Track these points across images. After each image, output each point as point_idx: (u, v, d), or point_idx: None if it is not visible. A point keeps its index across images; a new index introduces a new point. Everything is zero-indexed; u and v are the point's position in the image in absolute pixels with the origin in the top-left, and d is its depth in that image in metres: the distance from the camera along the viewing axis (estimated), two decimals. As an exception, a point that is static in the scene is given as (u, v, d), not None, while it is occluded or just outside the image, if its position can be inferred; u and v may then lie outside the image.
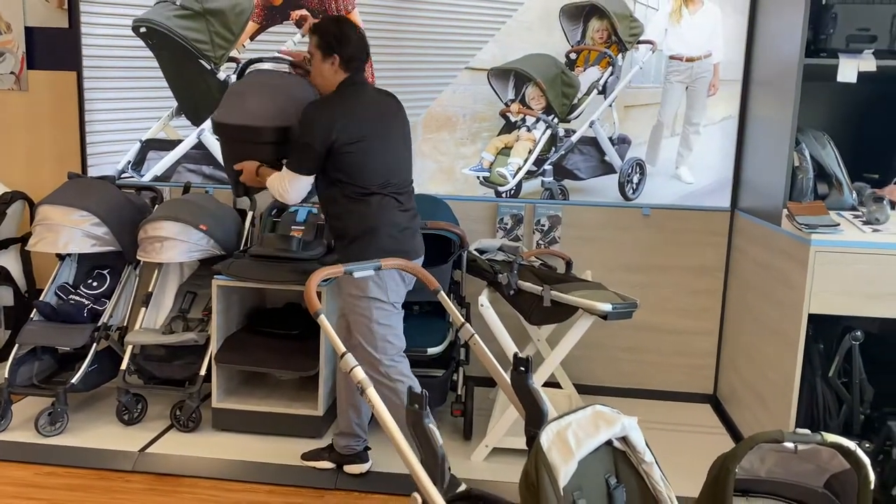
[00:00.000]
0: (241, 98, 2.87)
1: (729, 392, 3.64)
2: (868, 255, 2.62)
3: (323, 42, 2.67)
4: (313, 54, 2.70)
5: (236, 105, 2.86)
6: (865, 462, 2.06)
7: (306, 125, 2.62)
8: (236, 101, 2.87)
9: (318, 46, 2.68)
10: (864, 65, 2.78)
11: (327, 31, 2.69)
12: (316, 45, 2.68)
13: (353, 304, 2.68)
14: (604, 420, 1.61)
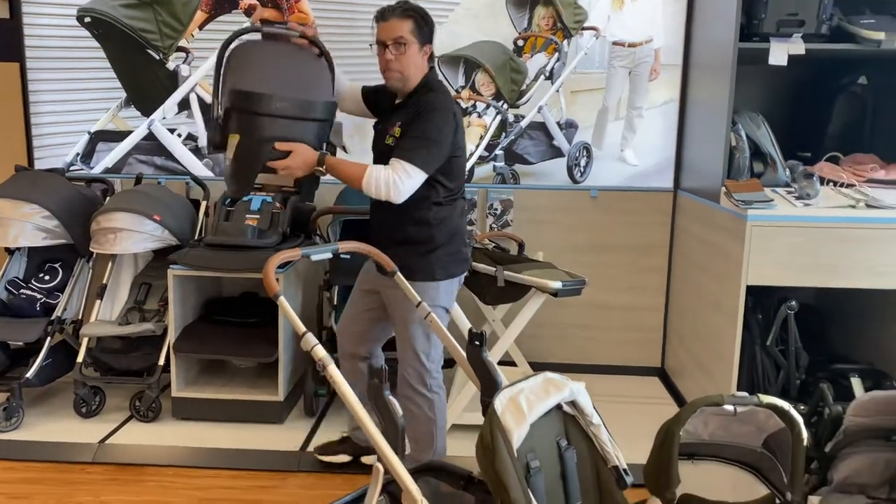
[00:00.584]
0: (271, 67, 2.35)
1: (675, 364, 3.80)
2: (801, 228, 2.78)
3: (420, 28, 2.37)
4: (407, 43, 2.35)
5: (270, 73, 2.32)
6: (798, 420, 2.20)
7: (439, 120, 2.34)
8: (268, 70, 2.33)
9: (415, 33, 2.37)
10: (793, 48, 2.93)
11: (425, 16, 2.39)
12: (411, 31, 2.36)
13: (410, 314, 2.44)
14: (554, 385, 1.71)
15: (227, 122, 2.31)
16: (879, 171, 3.06)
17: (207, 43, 3.78)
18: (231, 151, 2.30)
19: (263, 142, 2.27)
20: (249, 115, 2.26)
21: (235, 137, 2.29)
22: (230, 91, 2.28)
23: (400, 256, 2.38)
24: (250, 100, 2.26)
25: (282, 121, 2.29)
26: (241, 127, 2.28)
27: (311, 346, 1.78)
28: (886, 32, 2.88)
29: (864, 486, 2.54)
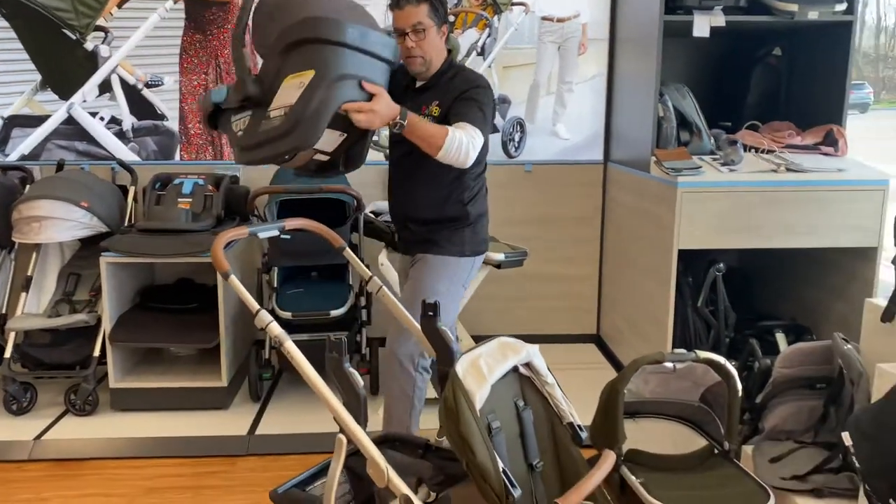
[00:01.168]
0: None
1: (610, 330, 3.93)
2: (727, 192, 2.92)
3: (436, 10, 2.30)
4: (426, 28, 2.28)
5: (328, 5, 2.03)
6: (733, 373, 2.34)
7: (486, 96, 2.31)
8: (326, 3, 2.03)
9: (432, 16, 2.29)
10: (714, 20, 3.06)
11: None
12: (428, 14, 2.28)
13: (431, 287, 2.39)
14: (510, 348, 1.76)
15: (288, 59, 1.93)
16: (796, 137, 3.23)
17: (127, 22, 3.64)
18: (293, 94, 1.90)
19: (345, 78, 1.93)
20: (330, 45, 1.92)
21: (305, 75, 1.90)
22: (303, 20, 1.92)
23: (432, 232, 2.39)
24: (333, 28, 1.91)
25: (364, 57, 1.99)
26: (315, 61, 1.90)
27: (266, 324, 1.77)
28: (799, 4, 3.03)
29: (791, 433, 2.71)
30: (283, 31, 1.93)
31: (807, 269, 3.33)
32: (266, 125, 1.92)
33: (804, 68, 3.48)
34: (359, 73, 1.95)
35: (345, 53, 1.92)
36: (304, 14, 1.93)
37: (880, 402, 1.92)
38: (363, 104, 1.97)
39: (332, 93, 1.90)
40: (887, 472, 1.80)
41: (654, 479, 2.25)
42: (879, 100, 26.81)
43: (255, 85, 1.96)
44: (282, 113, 1.89)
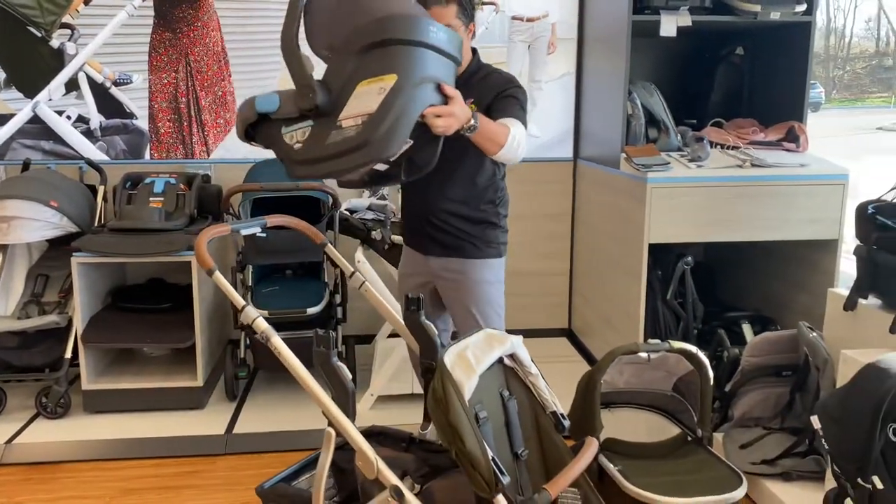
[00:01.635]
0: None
1: (582, 324, 4.00)
2: (695, 187, 3.00)
3: (464, 9, 2.20)
4: (455, 28, 2.15)
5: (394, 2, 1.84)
6: (705, 362, 2.41)
7: (524, 96, 2.28)
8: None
9: (460, 16, 2.19)
10: (681, 20, 3.14)
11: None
12: (456, 15, 2.17)
13: (485, 293, 2.38)
14: (496, 340, 1.80)
15: (363, 62, 1.72)
16: (760, 134, 3.34)
17: (94, 19, 3.59)
18: (371, 101, 1.69)
19: (426, 81, 1.76)
20: (412, 46, 1.73)
21: (386, 79, 1.70)
22: (381, 20, 1.72)
23: (464, 233, 2.34)
24: (416, 27, 1.73)
25: (441, 57, 1.81)
26: (397, 64, 1.71)
27: (253, 319, 1.78)
28: (762, 5, 3.13)
29: (759, 419, 2.81)
30: (355, 32, 1.72)
31: (770, 262, 3.43)
32: (336, 136, 1.72)
33: (766, 67, 3.59)
34: (437, 74, 1.80)
35: (426, 55, 1.76)
36: (377, 11, 1.73)
37: (846, 386, 2.00)
38: (442, 108, 1.82)
39: (415, 98, 1.74)
40: (854, 454, 1.88)
41: (631, 466, 2.31)
42: (830, 99, 27.59)
43: (325, 93, 1.73)
44: (358, 122, 1.70)
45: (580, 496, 1.82)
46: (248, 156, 3.78)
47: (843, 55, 31.14)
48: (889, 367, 1.93)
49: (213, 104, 3.74)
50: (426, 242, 2.42)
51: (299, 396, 3.32)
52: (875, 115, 22.88)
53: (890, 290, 2.38)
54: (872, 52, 31.47)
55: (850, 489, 1.92)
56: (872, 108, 26.38)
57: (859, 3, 10.00)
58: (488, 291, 2.40)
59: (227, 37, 3.69)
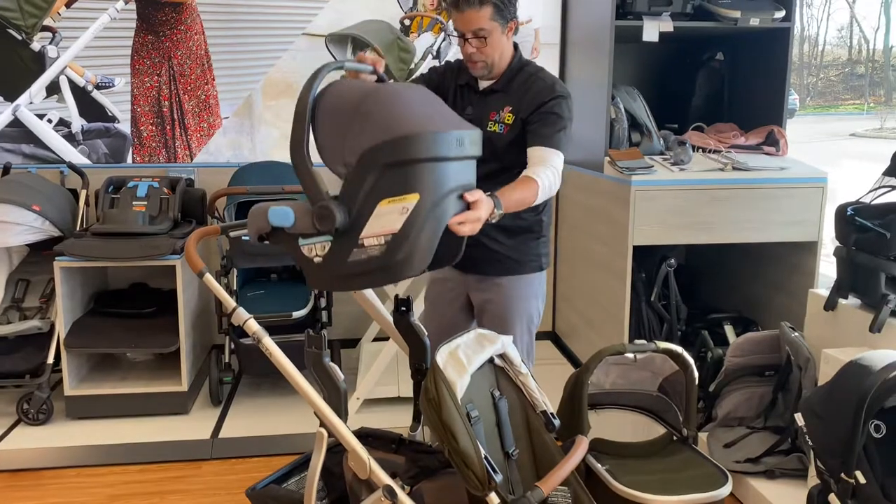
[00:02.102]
0: (411, 103, 1.76)
1: (566, 327, 4.03)
2: (678, 190, 3.03)
3: (501, 10, 2.11)
4: (489, 32, 2.11)
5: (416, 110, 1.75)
6: (691, 362, 2.44)
7: (567, 104, 2.17)
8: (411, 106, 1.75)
9: (497, 17, 2.11)
10: (663, 25, 3.18)
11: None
12: (491, 17, 2.10)
13: (519, 309, 2.29)
14: (486, 339, 1.81)
15: (382, 180, 1.65)
16: (740, 138, 3.39)
17: (76, 22, 3.56)
18: (394, 221, 1.65)
19: (449, 194, 1.72)
20: (434, 163, 1.68)
21: (408, 199, 1.65)
22: (399, 139, 1.64)
23: (502, 247, 2.22)
24: (436, 144, 1.67)
25: (463, 163, 1.77)
26: (419, 184, 1.65)
27: (244, 321, 1.78)
28: (742, 11, 3.19)
29: (742, 419, 2.85)
30: (373, 151, 1.63)
31: (751, 264, 3.48)
32: (359, 254, 1.67)
33: (745, 72, 3.65)
34: (459, 182, 1.75)
35: (448, 167, 1.71)
36: (395, 130, 1.64)
37: (829, 383, 2.04)
38: (467, 215, 1.73)
39: (438, 215, 1.69)
40: (837, 449, 1.92)
41: (618, 465, 2.33)
42: (805, 106, 28.05)
43: (343, 213, 1.65)
44: (381, 242, 1.65)
45: (570, 494, 1.83)
46: (231, 160, 3.77)
47: (817, 63, 31.69)
48: (870, 364, 1.97)
49: (197, 108, 3.73)
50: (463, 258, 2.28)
51: (284, 401, 3.31)
52: (848, 122, 23.32)
53: (869, 290, 2.43)
54: (845, 59, 32.07)
55: (833, 484, 1.96)
56: (846, 114, 26.89)
57: (832, 11, 10.16)
58: (524, 307, 2.31)
59: (210, 40, 3.67)
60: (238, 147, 3.79)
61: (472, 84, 2.28)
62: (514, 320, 2.31)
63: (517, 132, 2.19)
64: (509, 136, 2.20)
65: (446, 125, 1.72)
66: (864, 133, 19.72)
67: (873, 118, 23.73)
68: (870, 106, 27.05)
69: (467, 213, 1.73)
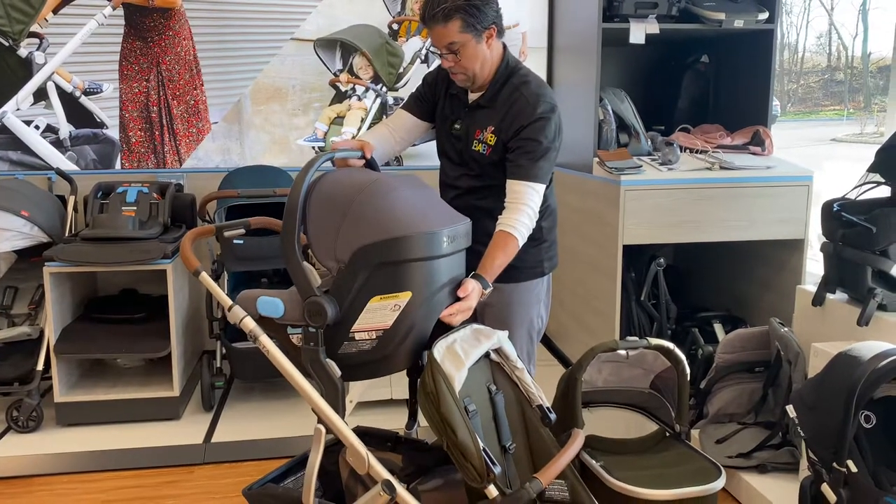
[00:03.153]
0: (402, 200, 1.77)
1: (556, 327, 4.05)
2: (667, 190, 3.07)
3: (471, 20, 2.01)
4: (461, 45, 2.03)
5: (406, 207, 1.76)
6: (682, 358, 2.46)
7: (550, 126, 2.10)
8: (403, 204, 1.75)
9: (467, 28, 2.02)
10: (649, 28, 3.22)
11: (470, 6, 2.00)
12: (461, 30, 2.01)
13: (519, 315, 2.28)
14: (482, 334, 1.82)
15: (373, 278, 1.67)
16: (726, 138, 3.43)
17: (64, 28, 3.55)
18: (385, 317, 1.69)
19: (441, 289, 1.77)
20: (426, 262, 1.72)
21: (400, 297, 1.68)
22: (391, 241, 1.66)
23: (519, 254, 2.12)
24: (428, 245, 1.70)
25: (454, 257, 1.81)
26: (411, 282, 1.69)
27: (240, 319, 1.78)
28: (726, 13, 3.23)
29: (733, 415, 2.87)
30: (365, 250, 1.66)
31: (738, 263, 3.52)
32: (349, 347, 1.73)
33: (730, 74, 3.70)
34: (451, 276, 1.80)
35: (439, 264, 1.75)
36: (388, 229, 1.66)
37: (819, 375, 2.07)
38: (459, 306, 1.79)
39: (430, 312, 1.75)
40: (829, 439, 1.94)
41: (612, 461, 2.34)
42: (786, 112, 28.36)
43: (334, 308, 1.68)
44: (373, 336, 1.70)
45: (567, 487, 1.84)
46: (220, 165, 3.77)
47: (797, 70, 32.10)
48: (859, 355, 2.00)
49: (186, 113, 3.72)
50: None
51: (276, 405, 3.30)
52: (829, 127, 23.57)
53: (856, 285, 2.46)
54: (824, 66, 32.48)
55: (825, 474, 1.98)
56: (826, 120, 27.18)
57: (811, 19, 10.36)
58: (524, 312, 2.30)
59: (198, 45, 3.68)
60: (227, 152, 3.79)
61: (461, 96, 2.22)
62: (515, 326, 2.28)
63: (500, 154, 2.15)
64: (492, 158, 2.16)
65: (438, 223, 1.75)
66: (844, 138, 19.91)
67: (853, 123, 24.01)
68: (849, 112, 27.37)
69: (459, 304, 1.78)
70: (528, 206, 2.06)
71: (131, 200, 3.37)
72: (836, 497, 1.90)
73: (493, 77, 2.14)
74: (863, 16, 8.29)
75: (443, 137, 2.26)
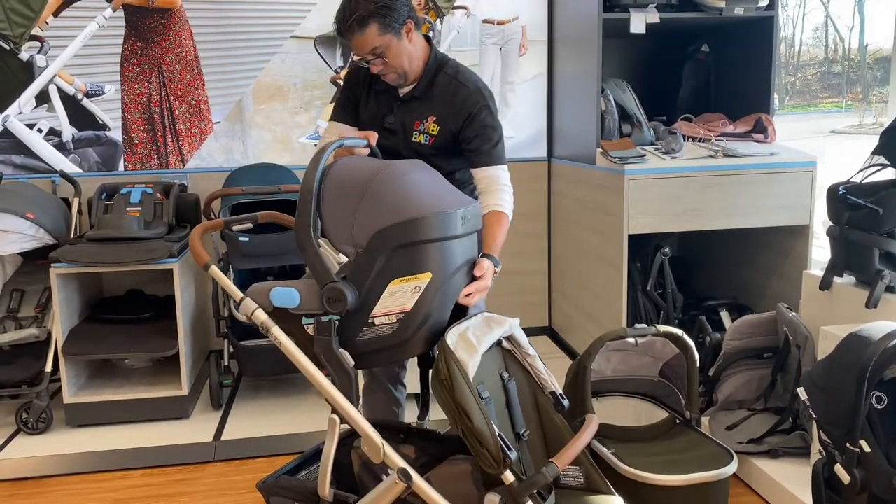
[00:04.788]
0: (415, 184, 1.79)
1: (563, 320, 4.05)
2: (671, 178, 3.07)
3: (386, 22, 2.00)
4: (384, 48, 2.02)
5: (421, 190, 1.78)
6: (691, 345, 2.47)
7: (493, 110, 2.17)
8: (417, 187, 1.78)
9: (385, 30, 2.01)
10: (650, 17, 3.22)
11: (382, 7, 1.99)
12: (379, 34, 2.00)
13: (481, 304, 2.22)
14: (494, 322, 1.82)
15: (391, 261, 1.68)
16: (729, 126, 3.43)
17: (64, 31, 3.55)
18: (405, 299, 1.70)
19: (459, 269, 1.80)
20: (444, 242, 1.73)
21: (420, 278, 1.70)
22: (409, 222, 1.67)
23: None
24: (445, 224, 1.72)
25: (470, 238, 1.85)
26: (430, 263, 1.70)
27: (252, 311, 1.77)
28: (726, 1, 3.23)
29: (743, 402, 2.87)
30: (383, 234, 1.66)
31: (743, 250, 3.52)
32: (369, 333, 1.73)
33: (731, 63, 3.70)
34: (467, 258, 1.84)
35: (455, 245, 1.77)
36: (404, 213, 1.68)
37: (830, 356, 2.07)
38: (477, 285, 1.84)
39: (449, 292, 1.77)
40: (841, 420, 1.94)
41: (623, 449, 2.35)
42: (784, 105, 28.38)
43: (353, 294, 1.68)
44: (393, 320, 1.70)
45: (582, 474, 1.84)
46: (223, 164, 3.77)
47: (794, 63, 32.13)
48: (870, 335, 1.99)
49: (188, 113, 3.73)
50: None
51: (285, 402, 3.31)
52: (828, 119, 23.60)
53: (864, 267, 2.46)
54: (822, 59, 32.52)
55: (838, 456, 1.98)
56: (825, 112, 27.22)
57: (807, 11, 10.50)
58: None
59: (199, 45, 3.68)
60: (230, 151, 3.79)
61: (391, 91, 2.18)
62: None
63: (445, 142, 2.17)
64: (436, 146, 2.18)
65: (451, 204, 1.77)
66: (843, 129, 19.94)
67: (852, 115, 24.03)
68: (848, 103, 27.41)
69: (476, 283, 1.83)
70: (506, 186, 2.16)
71: (135, 201, 3.38)
72: (851, 477, 1.90)
73: (424, 69, 2.15)
74: (859, 7, 8.27)
75: (381, 131, 2.17)
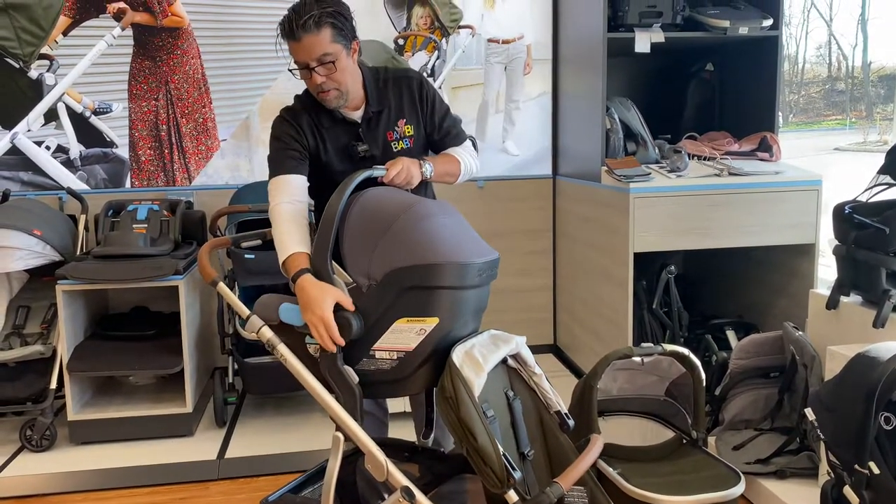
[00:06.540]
0: (439, 227, 1.79)
1: (568, 338, 4.04)
2: (676, 196, 3.07)
3: (341, 29, 1.94)
4: (335, 56, 1.94)
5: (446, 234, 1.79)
6: (697, 364, 2.46)
7: (437, 90, 2.24)
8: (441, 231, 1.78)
9: (339, 38, 1.93)
10: (654, 37, 3.24)
11: (340, 10, 1.95)
12: (333, 39, 1.92)
13: None
14: (501, 339, 1.82)
15: (401, 300, 1.70)
16: (734, 145, 3.44)
17: (73, 49, 3.59)
18: (408, 339, 1.71)
19: (468, 318, 1.84)
20: (457, 291, 1.73)
21: (427, 321, 1.70)
22: (426, 267, 1.68)
23: None
24: (461, 275, 1.71)
25: (482, 290, 1.85)
26: (439, 309, 1.71)
27: (258, 328, 1.78)
28: (730, 21, 3.25)
29: (749, 421, 2.85)
30: (400, 272, 1.68)
31: (749, 269, 3.51)
32: (367, 364, 1.74)
33: (736, 81, 3.71)
34: (477, 307, 1.85)
35: (469, 295, 1.77)
36: (425, 255, 1.69)
37: (838, 376, 2.06)
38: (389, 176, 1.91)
39: (454, 337, 1.77)
40: (850, 441, 1.93)
41: (629, 469, 2.33)
42: (788, 123, 28.42)
43: (360, 324, 1.71)
44: (393, 357, 1.72)
45: (587, 494, 1.83)
46: (230, 182, 3.79)
47: (798, 80, 32.22)
48: (878, 355, 1.98)
49: (195, 131, 3.75)
50: None
51: (289, 420, 3.30)
52: (832, 137, 23.61)
53: (870, 287, 2.45)
54: (825, 76, 32.61)
55: (846, 477, 1.96)
56: (828, 130, 27.25)
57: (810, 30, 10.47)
58: None
59: (206, 64, 3.71)
60: (236, 169, 3.81)
61: (343, 124, 2.09)
62: None
63: (422, 138, 2.19)
64: (418, 146, 2.17)
65: (473, 254, 1.76)
66: (847, 147, 19.94)
67: (856, 132, 24.05)
68: (851, 121, 27.45)
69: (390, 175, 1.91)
70: (469, 152, 2.23)
71: (142, 218, 3.39)
72: (860, 499, 1.89)
73: (367, 89, 2.09)
74: (862, 25, 8.33)
75: (341, 170, 2.09)
